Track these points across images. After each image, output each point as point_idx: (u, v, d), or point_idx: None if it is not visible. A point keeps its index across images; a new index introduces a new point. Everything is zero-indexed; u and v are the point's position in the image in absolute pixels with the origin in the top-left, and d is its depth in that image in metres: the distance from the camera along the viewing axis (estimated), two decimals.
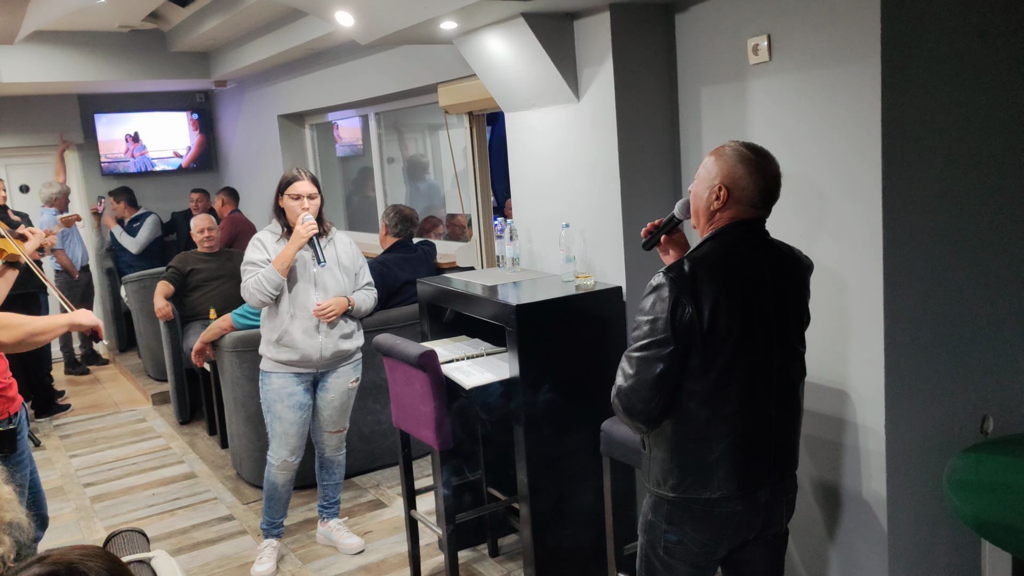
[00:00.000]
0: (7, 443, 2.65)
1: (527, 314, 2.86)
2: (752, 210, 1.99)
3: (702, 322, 1.88)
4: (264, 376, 3.52)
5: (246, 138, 7.55)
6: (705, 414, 1.93)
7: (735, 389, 1.93)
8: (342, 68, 5.61)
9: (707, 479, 1.96)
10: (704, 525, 2.00)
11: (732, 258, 1.96)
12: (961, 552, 2.67)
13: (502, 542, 3.59)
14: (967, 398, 2.63)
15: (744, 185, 1.96)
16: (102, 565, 1.27)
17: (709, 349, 1.90)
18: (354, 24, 3.41)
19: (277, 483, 3.56)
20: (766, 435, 1.99)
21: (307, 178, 3.43)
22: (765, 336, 1.96)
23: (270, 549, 3.60)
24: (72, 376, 7.13)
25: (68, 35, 6.26)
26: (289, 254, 3.35)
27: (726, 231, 1.99)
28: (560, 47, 3.09)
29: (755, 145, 2.02)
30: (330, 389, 3.56)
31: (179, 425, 5.63)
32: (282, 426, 3.49)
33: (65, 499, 4.49)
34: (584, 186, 3.20)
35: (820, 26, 2.47)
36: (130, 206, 7.13)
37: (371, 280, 3.68)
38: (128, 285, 6.31)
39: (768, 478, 2.01)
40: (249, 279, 3.39)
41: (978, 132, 2.53)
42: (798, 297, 2.05)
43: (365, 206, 6.62)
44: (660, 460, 2.02)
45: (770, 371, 1.97)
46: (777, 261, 2.01)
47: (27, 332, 2.58)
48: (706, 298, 1.88)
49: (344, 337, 3.52)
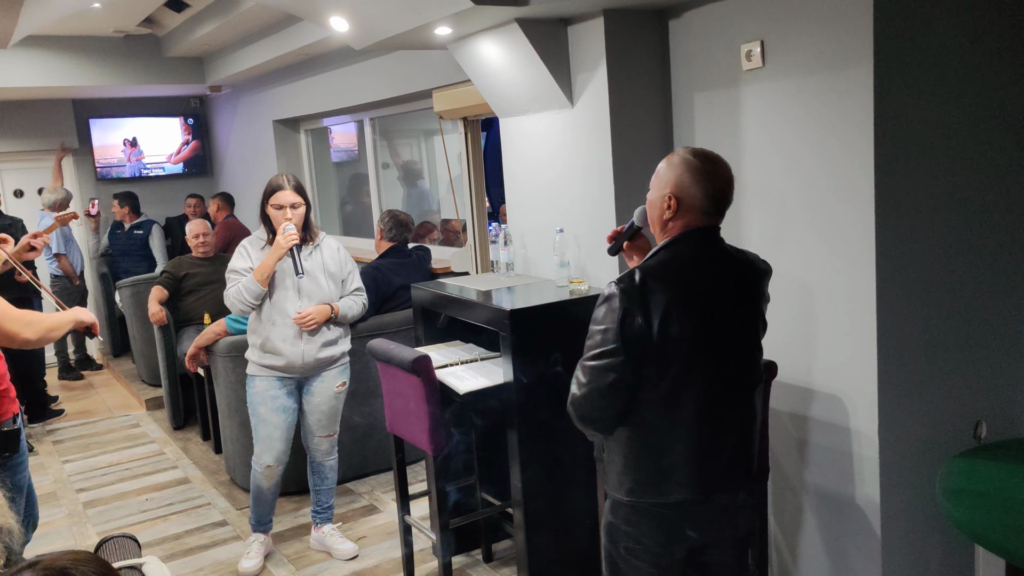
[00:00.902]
0: (11, 443, 2.68)
1: (521, 319, 2.85)
2: (704, 217, 2.00)
3: (652, 332, 1.90)
4: (249, 379, 3.54)
5: (241, 143, 7.55)
6: (660, 421, 1.96)
7: (689, 397, 1.94)
8: (337, 73, 5.61)
9: (662, 484, 1.98)
10: (660, 527, 2.01)
11: (685, 267, 1.97)
12: (954, 558, 2.67)
13: (496, 547, 3.58)
14: (960, 403, 2.64)
15: (693, 194, 1.98)
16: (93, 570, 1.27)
17: (661, 358, 1.92)
18: (349, 29, 3.42)
19: (263, 487, 3.59)
20: (721, 441, 2.00)
21: (291, 187, 3.42)
22: (719, 344, 1.97)
23: (258, 544, 3.63)
24: (66, 381, 7.11)
25: (63, 40, 6.25)
26: (269, 264, 3.35)
27: (679, 240, 2.00)
28: (554, 53, 3.10)
29: (704, 152, 2.02)
30: (316, 394, 3.55)
31: (173, 430, 5.61)
32: (266, 429, 3.50)
33: (58, 504, 4.47)
34: (578, 191, 3.21)
35: (813, 32, 2.48)
36: (133, 212, 7.13)
37: (361, 286, 3.67)
38: (122, 290, 6.29)
39: (725, 483, 2.02)
40: (231, 288, 3.41)
41: (970, 137, 2.54)
42: (753, 304, 2.06)
43: (360, 211, 6.62)
44: (616, 465, 2.05)
45: (725, 378, 1.98)
46: (731, 268, 2.02)
47: (46, 328, 2.69)
48: (656, 308, 1.90)
49: (327, 344, 3.51)
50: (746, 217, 2.82)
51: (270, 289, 3.42)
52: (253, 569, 3.56)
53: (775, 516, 2.88)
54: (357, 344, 4.29)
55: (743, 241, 2.84)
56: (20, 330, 2.60)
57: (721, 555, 2.09)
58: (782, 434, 2.80)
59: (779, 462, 2.83)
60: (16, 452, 2.69)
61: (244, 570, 3.55)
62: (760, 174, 2.74)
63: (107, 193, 7.74)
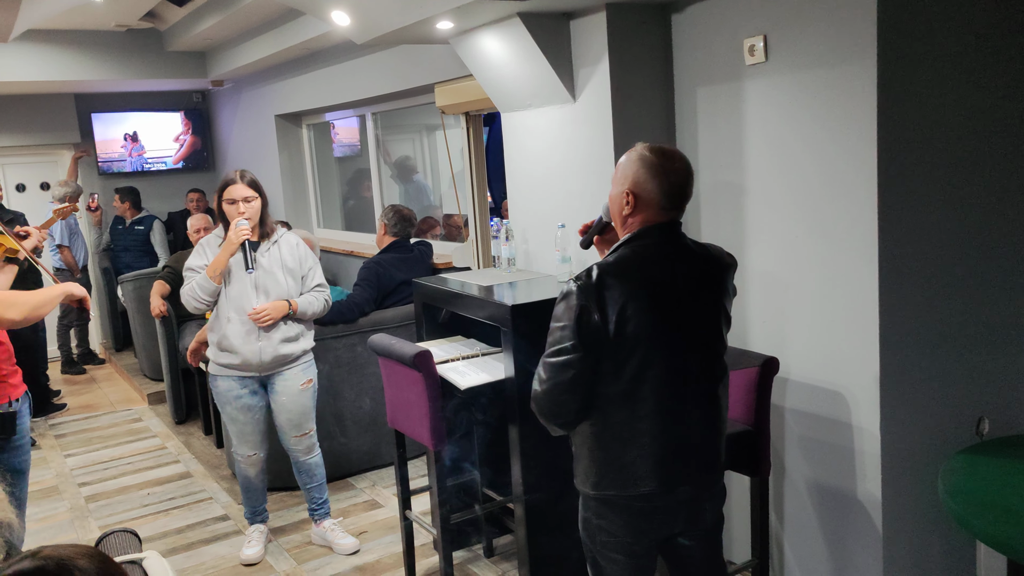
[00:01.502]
0: (7, 426, 2.70)
1: (522, 314, 2.85)
2: (663, 213, 2.01)
3: (608, 328, 1.92)
4: (211, 379, 3.54)
5: (243, 138, 7.54)
6: (621, 416, 1.98)
7: (649, 392, 1.96)
8: (339, 68, 5.60)
9: (625, 478, 2.01)
10: (629, 519, 2.05)
11: (644, 262, 1.98)
12: (956, 554, 2.67)
13: (497, 542, 3.58)
14: (963, 400, 2.63)
15: (649, 189, 1.99)
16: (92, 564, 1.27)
17: (619, 354, 1.94)
18: (350, 24, 3.41)
19: (249, 476, 3.62)
20: (684, 435, 2.02)
21: (244, 181, 3.37)
22: (679, 339, 1.98)
23: (257, 533, 3.68)
24: (68, 375, 7.12)
25: (64, 34, 6.24)
26: (222, 260, 3.32)
27: (639, 236, 2.01)
28: (556, 47, 3.09)
29: (661, 147, 2.03)
30: (281, 393, 3.50)
31: (175, 425, 5.62)
32: (236, 426, 3.53)
33: (60, 499, 4.48)
34: (580, 187, 3.20)
35: (817, 27, 2.47)
36: (134, 208, 7.13)
37: (323, 282, 3.59)
38: (124, 285, 6.30)
39: (689, 476, 2.04)
40: (186, 285, 3.39)
41: (976, 133, 2.53)
42: (714, 298, 2.06)
43: (362, 207, 6.62)
44: (582, 460, 2.08)
45: (687, 373, 2.00)
46: (691, 262, 2.03)
47: (31, 307, 2.68)
48: (613, 304, 1.92)
49: (287, 341, 3.45)
50: (748, 212, 2.81)
51: (226, 286, 3.38)
52: (255, 557, 3.59)
53: (776, 512, 2.88)
54: (359, 339, 4.29)
55: (745, 237, 2.83)
56: (4, 311, 2.59)
57: (691, 544, 2.13)
58: (784, 430, 2.80)
59: (780, 458, 2.83)
60: (13, 434, 2.72)
61: (246, 558, 3.59)
62: (762, 169, 2.73)
63: (109, 188, 7.74)
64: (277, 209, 6.99)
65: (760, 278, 2.81)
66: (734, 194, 2.85)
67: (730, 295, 2.11)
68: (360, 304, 4.29)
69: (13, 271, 3.02)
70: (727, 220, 2.91)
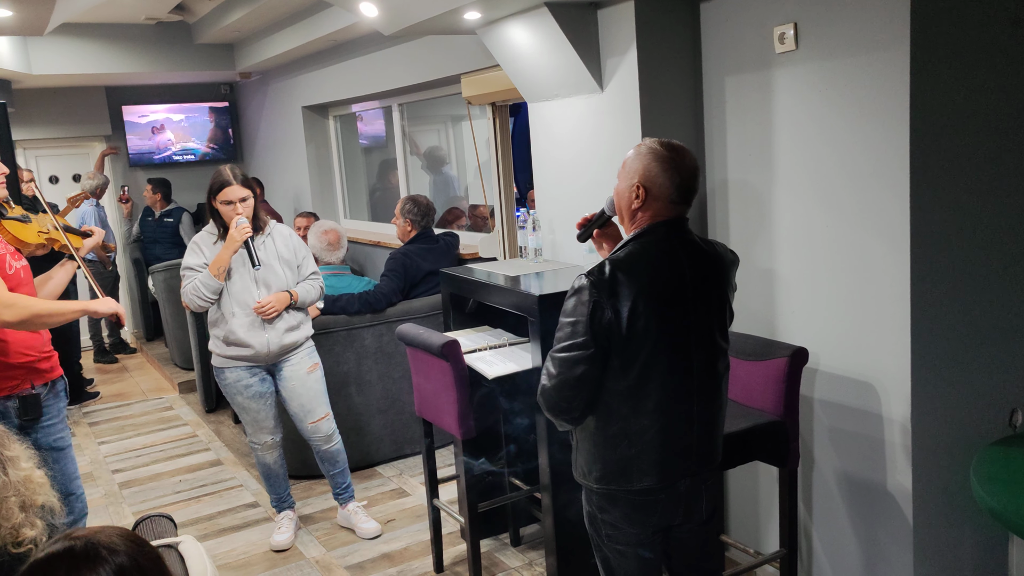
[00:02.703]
0: (31, 408, 2.75)
1: (550, 304, 2.85)
2: (672, 207, 2.03)
3: (621, 325, 1.93)
4: (218, 372, 3.58)
5: (270, 129, 7.60)
6: (625, 411, 1.99)
7: (655, 388, 1.98)
8: (365, 59, 5.63)
9: (628, 472, 2.03)
10: (627, 511, 2.08)
11: (653, 259, 1.99)
12: (988, 547, 2.64)
13: (524, 531, 3.60)
14: (995, 391, 2.60)
15: (660, 183, 2.00)
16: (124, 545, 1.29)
17: (628, 350, 1.95)
18: (378, 15, 3.42)
19: (268, 463, 3.69)
20: (687, 430, 2.04)
21: (238, 181, 3.43)
22: (686, 335, 2.00)
23: (287, 520, 3.74)
24: (101, 364, 7.24)
25: (95, 27, 6.32)
26: (224, 259, 3.39)
27: (647, 232, 2.03)
28: (584, 37, 3.08)
29: (670, 141, 2.05)
30: (289, 379, 3.58)
31: (205, 413, 5.70)
32: (250, 415, 3.60)
33: (95, 485, 4.56)
34: (607, 177, 3.19)
35: (848, 14, 2.44)
36: (164, 199, 7.23)
37: (316, 270, 3.67)
38: (155, 275, 6.39)
39: (688, 470, 2.07)
40: (187, 284, 3.44)
41: (1010, 121, 2.49)
42: (719, 294, 2.08)
43: (389, 197, 6.65)
44: (585, 453, 2.10)
45: (691, 369, 2.02)
46: (698, 259, 2.04)
47: (32, 313, 2.62)
48: (625, 300, 1.93)
49: (290, 330, 3.54)
50: (777, 202, 2.79)
51: (227, 281, 3.45)
52: (286, 543, 3.66)
53: (805, 503, 2.87)
54: (387, 329, 4.33)
55: (774, 226, 2.82)
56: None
57: (687, 534, 2.18)
58: (813, 421, 2.79)
59: (810, 449, 2.82)
60: (39, 415, 2.77)
61: (276, 544, 3.66)
62: (792, 159, 2.71)
63: (138, 180, 7.84)
64: (304, 200, 7.05)
65: (790, 268, 2.79)
66: (764, 184, 2.83)
67: (733, 290, 2.15)
68: (387, 294, 4.33)
69: (71, 270, 3.02)
70: (756, 210, 2.89)
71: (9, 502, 1.64)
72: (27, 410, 2.76)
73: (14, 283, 2.72)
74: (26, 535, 1.64)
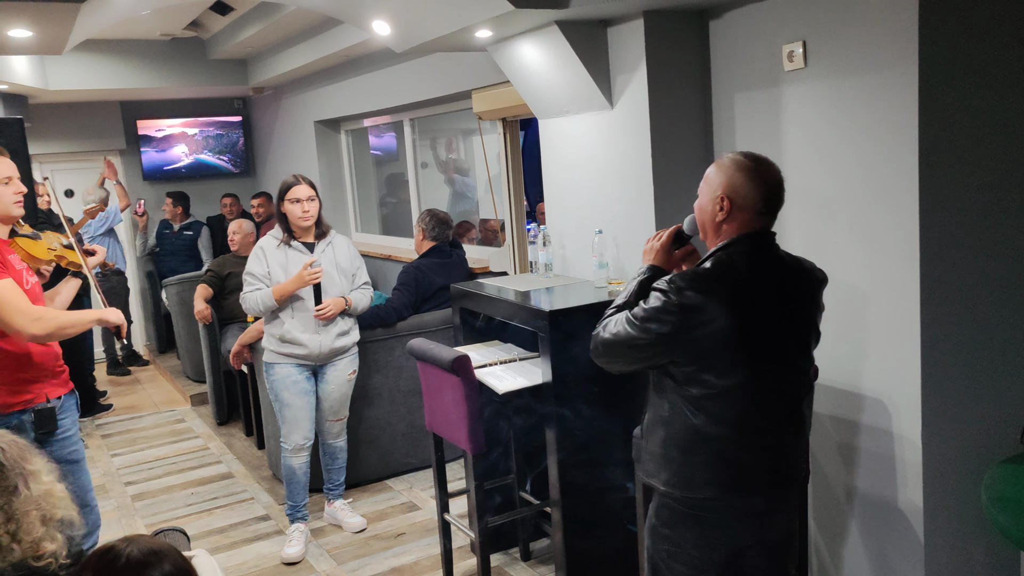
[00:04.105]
0: (47, 421, 2.79)
1: (560, 319, 2.87)
2: (758, 218, 2.00)
3: (701, 333, 1.91)
4: (268, 367, 3.75)
5: (283, 143, 7.66)
6: (698, 420, 1.98)
7: (732, 398, 1.95)
8: (377, 75, 5.68)
9: (692, 479, 2.00)
10: (697, 530, 2.03)
11: (738, 270, 1.97)
12: (999, 565, 2.63)
13: (534, 546, 3.60)
14: (1006, 407, 2.59)
15: (745, 193, 1.98)
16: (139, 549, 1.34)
17: (707, 358, 1.93)
18: (390, 33, 3.46)
19: (294, 467, 3.79)
20: (761, 445, 2.00)
21: (305, 183, 3.69)
22: (767, 348, 1.97)
23: (298, 533, 3.80)
24: (113, 376, 7.28)
25: (111, 43, 6.40)
26: (289, 290, 3.60)
27: (733, 243, 2.00)
28: (594, 54, 3.11)
29: (753, 153, 2.04)
30: (329, 381, 3.79)
31: (217, 426, 5.73)
32: (291, 412, 3.73)
33: (108, 497, 4.59)
34: (617, 192, 3.21)
35: (857, 32, 2.46)
36: (184, 213, 7.31)
37: (368, 280, 3.90)
38: (168, 288, 6.43)
39: (763, 487, 2.02)
40: (249, 292, 3.66)
41: (1017, 139, 2.50)
42: (805, 312, 2.05)
43: (399, 211, 6.68)
44: (652, 454, 2.09)
45: (769, 383, 1.98)
46: (784, 273, 2.02)
47: (58, 325, 2.72)
48: (707, 310, 1.91)
49: (341, 334, 3.75)
50: (788, 219, 2.80)
51: None
52: (297, 556, 3.70)
53: (816, 520, 2.86)
54: (398, 343, 4.35)
55: (785, 244, 2.82)
56: (27, 325, 2.62)
57: (759, 559, 2.08)
58: (824, 437, 2.78)
59: (821, 465, 2.81)
60: (54, 429, 2.81)
61: (287, 557, 3.69)
62: (802, 176, 2.73)
63: (152, 193, 7.91)
64: None
65: None
66: None
67: (820, 310, 2.11)
68: (399, 308, 4.35)
69: (76, 285, 3.09)
70: None
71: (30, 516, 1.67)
72: (42, 423, 2.79)
73: (31, 298, 2.77)
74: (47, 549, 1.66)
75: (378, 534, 3.91)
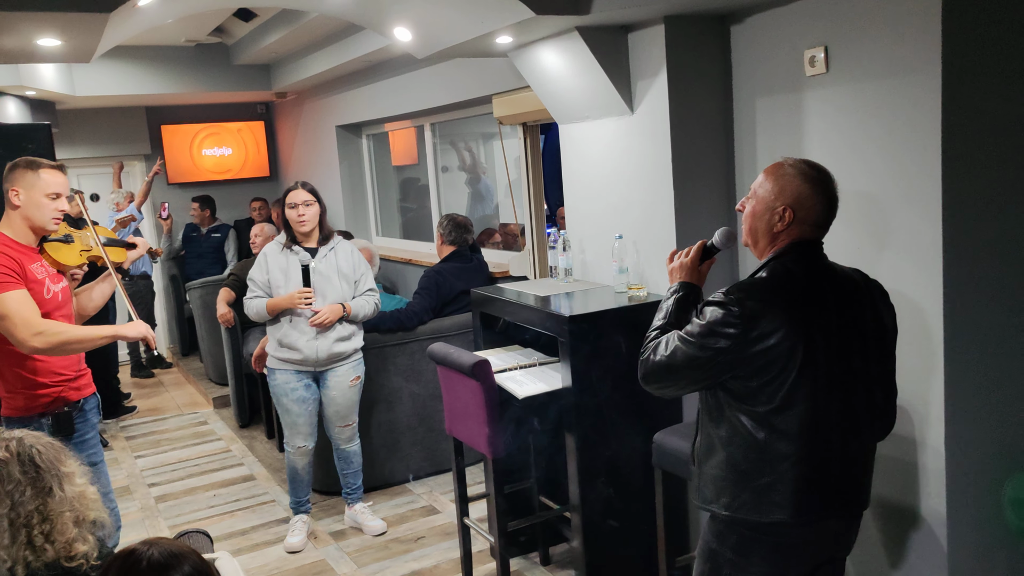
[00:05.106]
0: (64, 426, 2.82)
1: (580, 325, 2.88)
2: (815, 230, 1.97)
3: (761, 346, 1.86)
4: (270, 373, 3.84)
5: (305, 147, 7.73)
6: (762, 436, 1.90)
7: (795, 414, 1.88)
8: (398, 80, 5.71)
9: (760, 502, 1.92)
10: (773, 557, 1.95)
11: (796, 279, 1.92)
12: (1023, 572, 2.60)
13: (553, 551, 3.61)
14: None
15: (810, 205, 1.93)
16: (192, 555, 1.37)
17: (769, 372, 1.87)
18: (411, 39, 3.49)
19: (297, 467, 3.89)
20: (829, 463, 1.93)
21: (303, 188, 3.74)
22: (829, 361, 1.90)
23: (300, 523, 3.93)
24: (137, 379, 7.37)
25: (137, 50, 6.49)
26: (281, 305, 3.68)
27: (787, 252, 1.95)
28: (614, 60, 3.11)
29: (814, 162, 1.99)
30: (332, 387, 3.82)
31: (239, 428, 5.78)
32: (290, 417, 3.82)
33: (131, 498, 4.65)
34: (637, 198, 3.21)
35: (879, 36, 2.45)
36: (212, 216, 7.41)
37: (373, 287, 3.92)
38: (192, 291, 6.50)
39: (836, 508, 1.96)
40: (250, 300, 3.77)
41: None
42: (869, 323, 1.98)
43: (420, 216, 6.72)
44: (712, 478, 2.00)
45: (832, 399, 1.91)
46: (839, 283, 1.97)
47: (62, 340, 2.68)
48: (768, 322, 1.85)
49: (340, 340, 3.77)
50: None
51: (286, 290, 3.72)
52: (299, 545, 3.84)
53: None
54: (418, 347, 4.37)
55: None
56: (28, 339, 2.60)
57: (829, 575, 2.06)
58: None
59: None
60: (71, 433, 2.83)
61: (289, 546, 3.84)
62: None
63: (178, 197, 8.00)
64: (337, 219, 7.14)
65: None
66: None
67: (892, 332, 2.04)
68: (419, 313, 4.37)
69: (111, 287, 3.06)
70: None
71: (64, 517, 1.70)
72: (59, 428, 2.81)
73: (52, 307, 2.77)
74: (79, 550, 1.69)
75: (398, 537, 3.93)
